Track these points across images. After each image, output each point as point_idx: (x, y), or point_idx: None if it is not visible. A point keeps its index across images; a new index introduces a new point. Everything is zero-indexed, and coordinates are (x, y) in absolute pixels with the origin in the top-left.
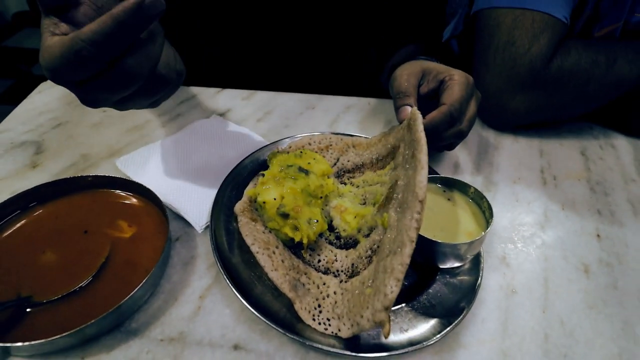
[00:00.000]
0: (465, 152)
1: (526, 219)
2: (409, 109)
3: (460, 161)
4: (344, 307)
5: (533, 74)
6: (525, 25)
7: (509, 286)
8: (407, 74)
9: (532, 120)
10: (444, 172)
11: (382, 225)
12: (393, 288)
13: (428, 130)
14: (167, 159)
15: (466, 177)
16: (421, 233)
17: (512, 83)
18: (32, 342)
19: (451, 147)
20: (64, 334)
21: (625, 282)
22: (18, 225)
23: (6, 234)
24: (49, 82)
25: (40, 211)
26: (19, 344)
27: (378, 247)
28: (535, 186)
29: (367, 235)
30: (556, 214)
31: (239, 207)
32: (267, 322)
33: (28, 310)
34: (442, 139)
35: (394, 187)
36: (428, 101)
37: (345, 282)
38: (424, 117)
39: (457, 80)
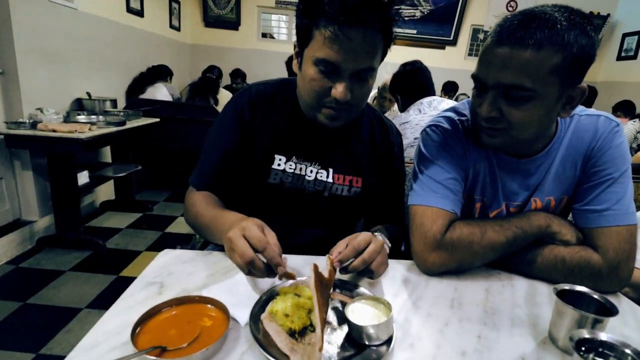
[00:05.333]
0: (403, 287)
1: (433, 325)
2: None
3: (399, 292)
4: (310, 355)
5: (436, 242)
6: (428, 215)
7: (412, 357)
8: (348, 239)
9: (445, 270)
10: (385, 296)
11: None
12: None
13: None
14: (228, 289)
15: (399, 301)
16: (357, 323)
17: (426, 247)
18: None
19: (371, 277)
20: (181, 358)
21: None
22: (161, 316)
23: (158, 319)
24: (166, 250)
25: (172, 310)
26: None
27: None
28: (445, 309)
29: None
30: (454, 324)
31: (263, 315)
32: None
33: (165, 351)
34: (355, 269)
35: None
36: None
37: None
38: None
39: (362, 236)
